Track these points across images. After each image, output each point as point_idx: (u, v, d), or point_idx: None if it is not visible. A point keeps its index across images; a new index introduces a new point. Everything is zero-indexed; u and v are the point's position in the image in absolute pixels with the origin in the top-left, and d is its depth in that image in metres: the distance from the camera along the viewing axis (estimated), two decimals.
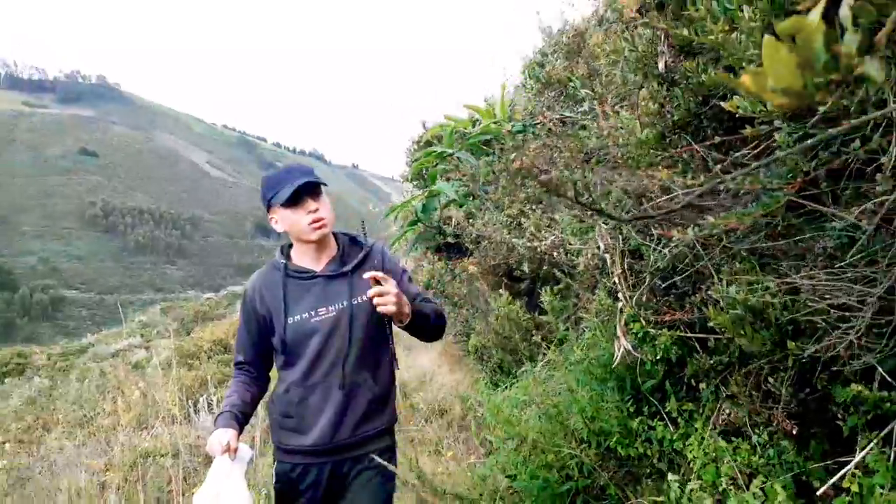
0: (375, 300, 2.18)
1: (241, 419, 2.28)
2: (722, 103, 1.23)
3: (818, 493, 1.84)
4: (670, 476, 2.19)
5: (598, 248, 2.57)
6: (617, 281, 2.42)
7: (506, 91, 4.01)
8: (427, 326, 2.41)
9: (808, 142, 1.05)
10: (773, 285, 1.56)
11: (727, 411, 2.26)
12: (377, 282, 2.20)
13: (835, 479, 1.79)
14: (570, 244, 2.89)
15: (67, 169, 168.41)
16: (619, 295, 2.38)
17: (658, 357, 2.36)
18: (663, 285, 2.26)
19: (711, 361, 2.26)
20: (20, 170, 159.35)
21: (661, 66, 1.88)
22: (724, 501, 2.09)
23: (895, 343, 1.44)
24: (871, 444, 1.75)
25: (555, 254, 3.28)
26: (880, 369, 1.65)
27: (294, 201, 2.26)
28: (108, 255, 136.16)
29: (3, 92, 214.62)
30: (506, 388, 3.74)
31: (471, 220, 5.03)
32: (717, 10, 1.48)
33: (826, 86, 0.53)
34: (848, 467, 1.77)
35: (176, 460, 5.55)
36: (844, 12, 0.55)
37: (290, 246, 2.44)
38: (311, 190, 2.29)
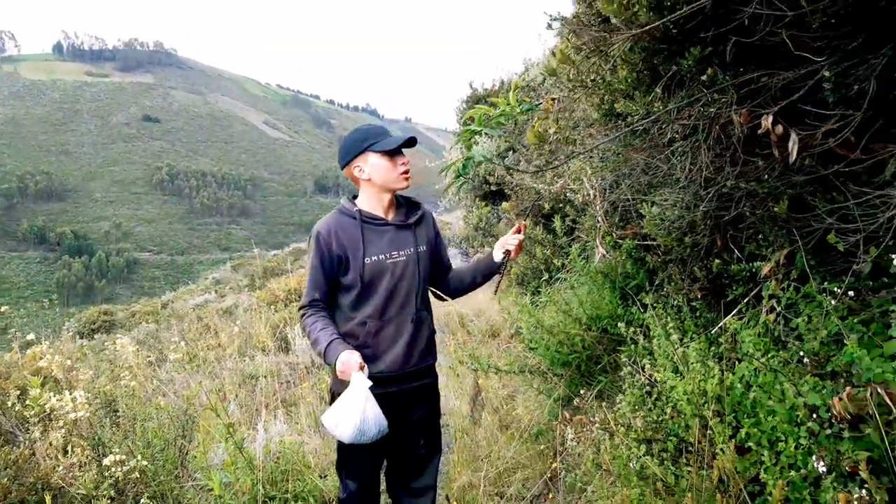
0: (514, 244, 2.73)
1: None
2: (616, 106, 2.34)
3: (712, 331, 2.96)
4: (629, 331, 3.29)
5: (588, 187, 3.68)
6: (598, 208, 3.54)
7: (523, 77, 5.02)
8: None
9: (624, 131, 2.16)
10: (670, 201, 2.68)
11: (668, 293, 3.38)
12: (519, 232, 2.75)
13: (722, 322, 2.91)
14: (571, 186, 4.02)
15: (132, 136, 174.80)
16: (598, 218, 3.50)
17: (623, 258, 3.49)
18: (619, 209, 3.37)
19: (660, 260, 3.38)
20: (87, 139, 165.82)
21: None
22: (664, 347, 3.21)
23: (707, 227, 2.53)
24: (742, 302, 2.85)
25: (567, 193, 4.40)
26: (737, 252, 2.75)
27: (395, 152, 2.57)
28: (175, 217, 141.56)
29: (67, 63, 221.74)
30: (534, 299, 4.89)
31: (509, 172, 6.17)
32: None
33: (542, 142, 1.72)
34: (728, 316, 2.87)
35: (278, 378, 6.95)
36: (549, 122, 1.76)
37: (355, 197, 2.71)
38: (406, 146, 2.62)
